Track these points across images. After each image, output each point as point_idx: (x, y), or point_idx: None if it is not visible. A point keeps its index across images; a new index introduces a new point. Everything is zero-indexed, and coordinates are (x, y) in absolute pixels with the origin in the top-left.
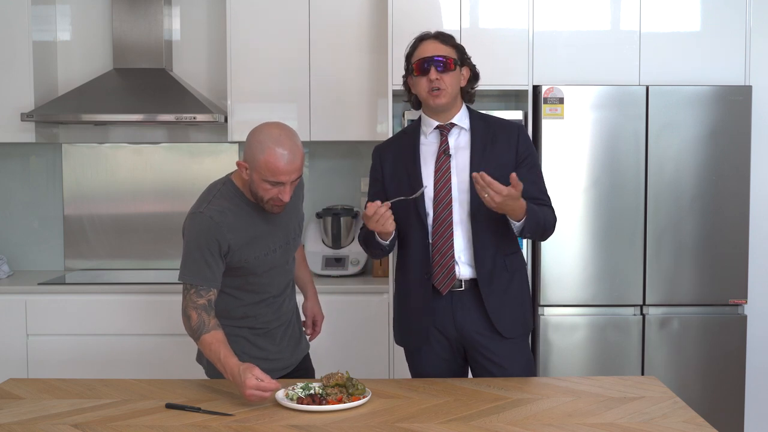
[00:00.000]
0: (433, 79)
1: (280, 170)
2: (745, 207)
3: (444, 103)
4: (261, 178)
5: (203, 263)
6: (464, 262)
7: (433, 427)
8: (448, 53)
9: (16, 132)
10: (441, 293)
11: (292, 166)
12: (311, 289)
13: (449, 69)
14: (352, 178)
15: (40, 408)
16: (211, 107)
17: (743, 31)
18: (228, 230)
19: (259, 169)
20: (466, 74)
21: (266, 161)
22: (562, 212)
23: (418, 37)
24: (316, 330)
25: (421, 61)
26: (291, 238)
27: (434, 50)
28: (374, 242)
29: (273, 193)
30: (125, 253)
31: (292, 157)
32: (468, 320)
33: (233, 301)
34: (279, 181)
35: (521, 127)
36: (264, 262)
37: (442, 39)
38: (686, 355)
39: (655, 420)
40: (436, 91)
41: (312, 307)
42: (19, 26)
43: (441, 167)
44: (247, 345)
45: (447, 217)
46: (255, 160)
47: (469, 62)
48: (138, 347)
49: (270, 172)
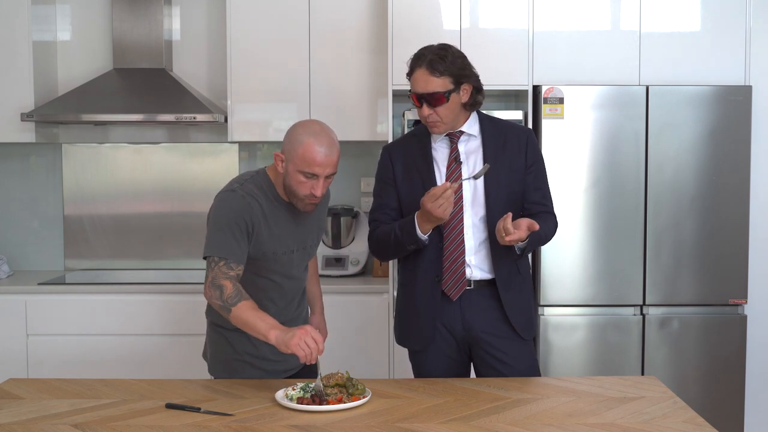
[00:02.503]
0: (426, 115)
1: (316, 162)
2: (745, 207)
3: (441, 132)
4: (296, 170)
5: (232, 239)
6: (475, 265)
7: (433, 427)
8: (439, 87)
9: (16, 132)
10: (451, 299)
11: (328, 159)
12: (319, 305)
13: (440, 103)
14: (352, 178)
15: (40, 408)
16: (211, 107)
17: (743, 31)
18: (260, 213)
19: (295, 160)
20: (468, 90)
21: (304, 152)
22: (563, 212)
23: (414, 59)
24: None
25: (414, 95)
26: (308, 245)
27: (424, 86)
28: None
29: (307, 188)
30: (125, 253)
31: (329, 150)
32: (477, 320)
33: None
34: (314, 173)
35: (530, 132)
36: (280, 261)
37: (431, 69)
38: (686, 355)
39: (655, 420)
40: (432, 123)
41: (318, 322)
42: (19, 26)
43: (453, 173)
44: (249, 346)
45: (458, 224)
46: (293, 151)
47: (468, 78)
48: (138, 347)
49: (306, 164)
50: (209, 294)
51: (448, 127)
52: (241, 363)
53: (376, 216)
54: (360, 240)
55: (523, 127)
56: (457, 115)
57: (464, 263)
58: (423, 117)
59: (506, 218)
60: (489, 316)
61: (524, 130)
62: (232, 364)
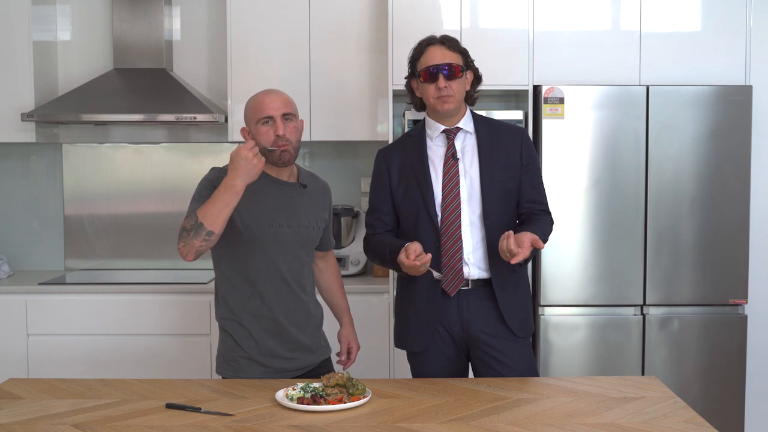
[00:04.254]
0: (442, 87)
1: (265, 104)
2: (745, 207)
3: (452, 108)
4: (255, 122)
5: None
6: (473, 264)
7: (433, 427)
8: (455, 60)
9: (16, 132)
10: (449, 295)
11: (276, 98)
12: (347, 317)
13: (456, 76)
14: (352, 178)
15: (40, 408)
16: (211, 107)
17: (743, 31)
18: None
19: (251, 117)
20: (470, 78)
21: (253, 104)
22: (563, 212)
23: (424, 41)
24: (351, 358)
25: (429, 68)
26: (305, 225)
27: (442, 57)
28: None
29: (270, 134)
30: (125, 253)
31: (275, 94)
32: (475, 319)
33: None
34: (268, 115)
35: (524, 131)
36: (267, 233)
37: (448, 44)
38: (686, 355)
39: (655, 420)
40: (445, 97)
41: (347, 335)
42: (19, 26)
43: (449, 171)
44: (254, 342)
45: (455, 220)
46: (247, 113)
47: (472, 66)
48: (138, 347)
49: (259, 111)
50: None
51: (456, 106)
52: (247, 360)
53: (369, 220)
54: (360, 240)
55: (517, 127)
56: (462, 99)
57: (461, 260)
58: (437, 90)
59: (508, 238)
60: (486, 315)
61: (518, 129)
62: (239, 362)
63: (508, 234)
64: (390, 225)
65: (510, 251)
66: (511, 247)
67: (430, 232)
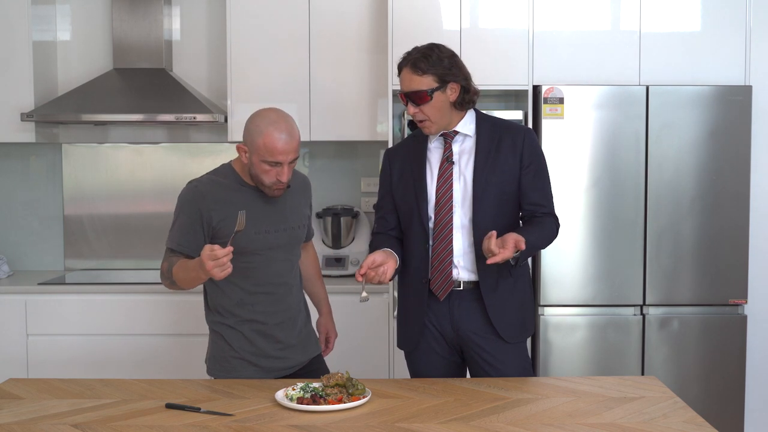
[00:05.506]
0: (412, 113)
1: (278, 150)
2: (745, 207)
3: (432, 131)
4: (260, 160)
5: (183, 229)
6: (463, 267)
7: (433, 427)
8: (422, 85)
9: (16, 132)
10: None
11: (289, 146)
12: (325, 306)
13: (425, 101)
14: (352, 178)
15: (40, 408)
16: (211, 107)
17: (743, 31)
18: (213, 201)
19: (258, 151)
20: (455, 88)
21: (264, 142)
22: (563, 212)
23: (400, 60)
24: (328, 347)
25: (402, 95)
26: (291, 225)
27: (408, 84)
28: None
29: (272, 175)
30: (125, 253)
31: (288, 138)
32: (465, 320)
33: (231, 288)
34: (277, 161)
35: (528, 131)
36: (255, 240)
37: (414, 68)
38: (686, 355)
39: (655, 420)
40: (420, 123)
41: (326, 323)
42: (19, 26)
43: (443, 173)
44: (245, 343)
45: (447, 223)
46: (254, 142)
47: (455, 77)
48: (138, 347)
49: (269, 153)
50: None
51: (438, 126)
52: (239, 361)
53: (375, 219)
54: (360, 240)
55: (522, 127)
56: (445, 114)
57: (451, 263)
58: (411, 116)
59: (490, 238)
60: (475, 318)
61: (522, 129)
62: (231, 362)
63: (491, 234)
64: (392, 224)
65: (491, 251)
66: (491, 247)
67: (421, 234)
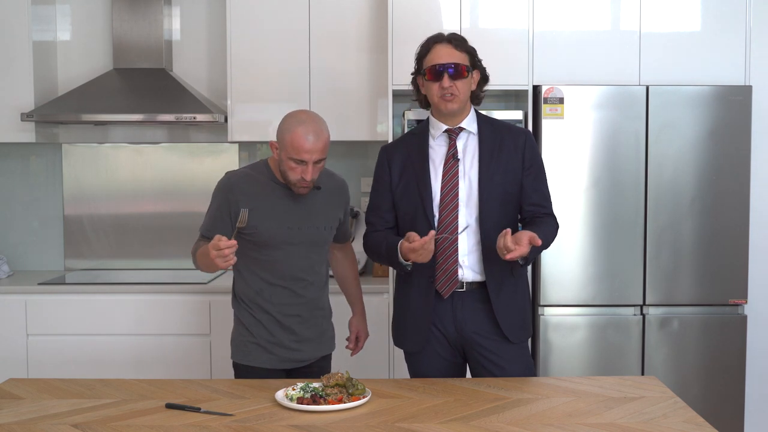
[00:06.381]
0: (447, 86)
1: (304, 149)
2: (745, 207)
3: (456, 108)
4: (287, 157)
5: (213, 217)
6: (468, 266)
7: (433, 427)
8: (461, 59)
9: (16, 132)
10: (443, 297)
11: (315, 146)
12: (359, 307)
13: (462, 76)
14: (352, 178)
15: (40, 408)
16: (211, 107)
17: (743, 31)
18: (241, 193)
19: (286, 148)
20: (476, 77)
21: (292, 140)
22: (563, 212)
23: (431, 38)
24: (358, 346)
25: (434, 67)
26: (318, 225)
27: (448, 56)
28: (393, 263)
29: (297, 173)
30: (125, 253)
31: (315, 138)
32: (468, 321)
33: (252, 278)
34: (302, 159)
35: (528, 133)
36: (278, 236)
37: (455, 44)
38: (686, 355)
39: (655, 420)
40: (449, 96)
41: (357, 323)
42: (19, 26)
43: (449, 171)
44: (263, 331)
45: (453, 221)
46: (283, 140)
47: (479, 65)
48: (138, 347)
49: (295, 150)
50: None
51: (460, 106)
52: (255, 346)
53: (369, 218)
54: (360, 240)
55: (521, 129)
56: (467, 99)
57: (456, 262)
58: (442, 89)
59: (506, 235)
60: (480, 318)
61: (522, 131)
62: (248, 347)
63: (506, 231)
64: (391, 222)
65: (507, 248)
66: (508, 244)
67: (426, 233)
